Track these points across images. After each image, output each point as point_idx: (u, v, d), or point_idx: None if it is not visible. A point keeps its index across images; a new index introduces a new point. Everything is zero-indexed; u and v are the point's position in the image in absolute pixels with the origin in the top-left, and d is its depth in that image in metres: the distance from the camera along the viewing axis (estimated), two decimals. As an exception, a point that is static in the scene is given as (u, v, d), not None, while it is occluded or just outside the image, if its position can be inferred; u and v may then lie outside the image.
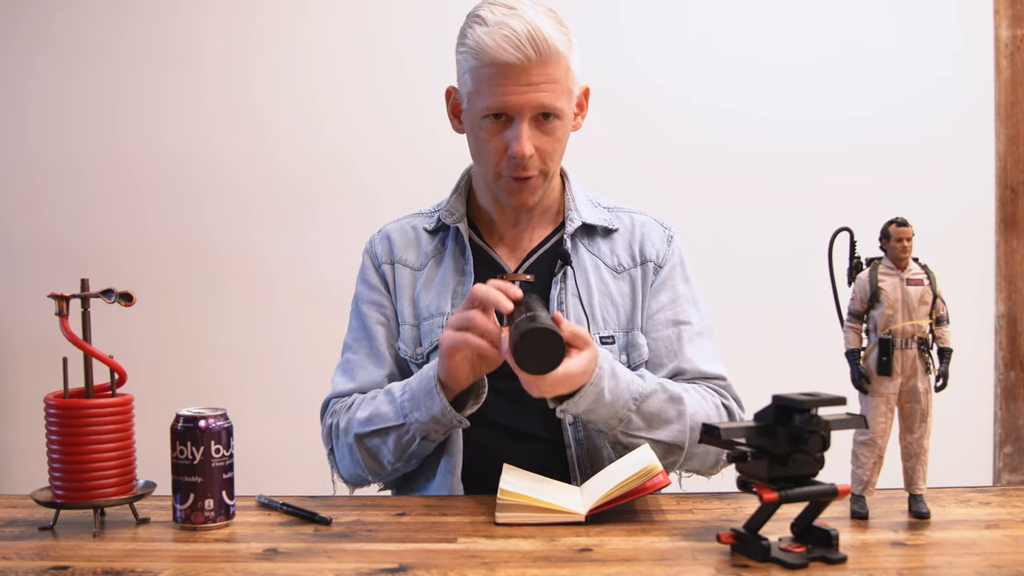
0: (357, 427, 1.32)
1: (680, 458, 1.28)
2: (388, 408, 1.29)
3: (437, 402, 1.23)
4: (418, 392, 1.26)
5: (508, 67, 1.23)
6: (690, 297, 1.41)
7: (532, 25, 1.22)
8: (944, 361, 1.05)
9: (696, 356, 1.36)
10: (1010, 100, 2.52)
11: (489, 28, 1.24)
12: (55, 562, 0.95)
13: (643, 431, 1.24)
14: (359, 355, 1.43)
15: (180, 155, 2.60)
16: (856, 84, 2.53)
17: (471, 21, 1.28)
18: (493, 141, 1.30)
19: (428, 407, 1.24)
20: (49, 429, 1.06)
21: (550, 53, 1.24)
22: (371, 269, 1.46)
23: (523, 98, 1.25)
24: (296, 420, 2.51)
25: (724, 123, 2.54)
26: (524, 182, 1.31)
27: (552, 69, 1.25)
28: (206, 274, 2.60)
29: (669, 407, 1.26)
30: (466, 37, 1.28)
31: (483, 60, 1.24)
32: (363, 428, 1.31)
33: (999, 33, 2.52)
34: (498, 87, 1.25)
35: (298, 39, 2.59)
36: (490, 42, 1.23)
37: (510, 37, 1.22)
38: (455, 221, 1.41)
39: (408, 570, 0.90)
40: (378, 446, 1.30)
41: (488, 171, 1.34)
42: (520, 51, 1.22)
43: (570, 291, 1.36)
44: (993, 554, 0.93)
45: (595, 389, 1.19)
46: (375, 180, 2.56)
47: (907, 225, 1.04)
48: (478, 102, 1.28)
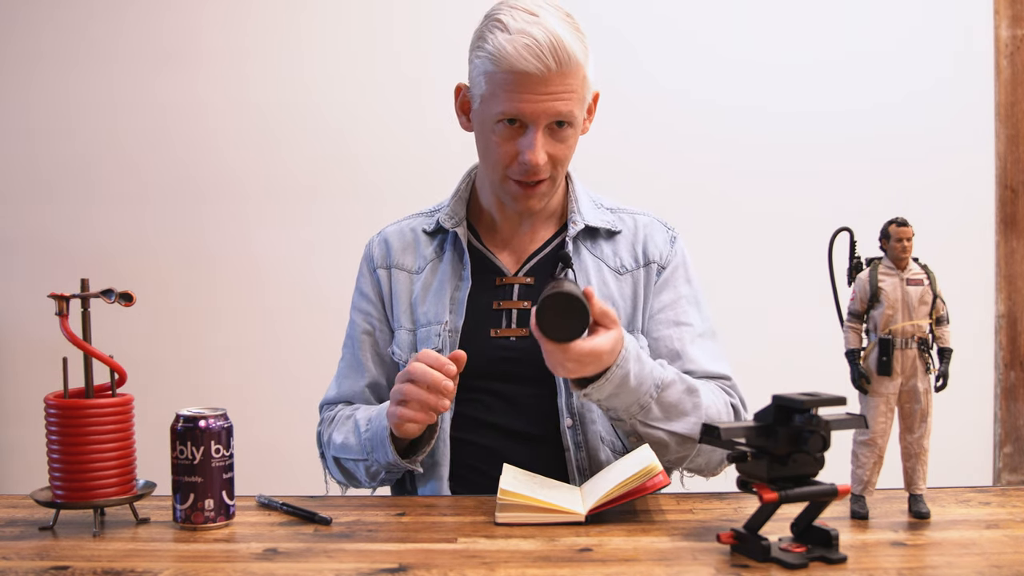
0: (333, 450, 1.38)
1: (692, 452, 1.27)
2: (354, 441, 1.34)
3: (388, 453, 1.27)
4: (374, 437, 1.30)
5: (527, 76, 1.22)
6: (692, 298, 1.41)
7: (554, 35, 1.21)
8: (944, 361, 1.05)
9: (700, 357, 1.36)
10: (1010, 100, 2.52)
11: (511, 36, 1.22)
12: (55, 562, 0.95)
13: (661, 421, 1.24)
14: (344, 363, 1.48)
15: (180, 155, 2.60)
16: (856, 84, 2.53)
17: (491, 25, 1.26)
18: (505, 146, 1.29)
19: (383, 453, 1.28)
20: (49, 429, 1.06)
21: (570, 64, 1.23)
22: (366, 275, 1.47)
23: (540, 107, 1.24)
24: (296, 420, 2.51)
25: (723, 124, 2.54)
26: (532, 188, 1.31)
27: (570, 79, 1.24)
28: (206, 274, 2.60)
29: (686, 399, 1.25)
30: (485, 41, 1.25)
31: (502, 67, 1.23)
32: (337, 453, 1.38)
33: (999, 33, 2.52)
34: (515, 94, 1.24)
35: (296, 38, 2.59)
36: (511, 50, 1.21)
37: (531, 47, 1.21)
38: (454, 226, 1.40)
39: (408, 570, 0.90)
40: (353, 469, 1.37)
41: (496, 174, 1.33)
42: (541, 61, 1.21)
43: None
44: (993, 554, 0.93)
45: (621, 371, 1.18)
46: (375, 180, 2.56)
47: (907, 225, 1.04)
48: (493, 106, 1.27)
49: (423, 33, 2.55)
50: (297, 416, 2.51)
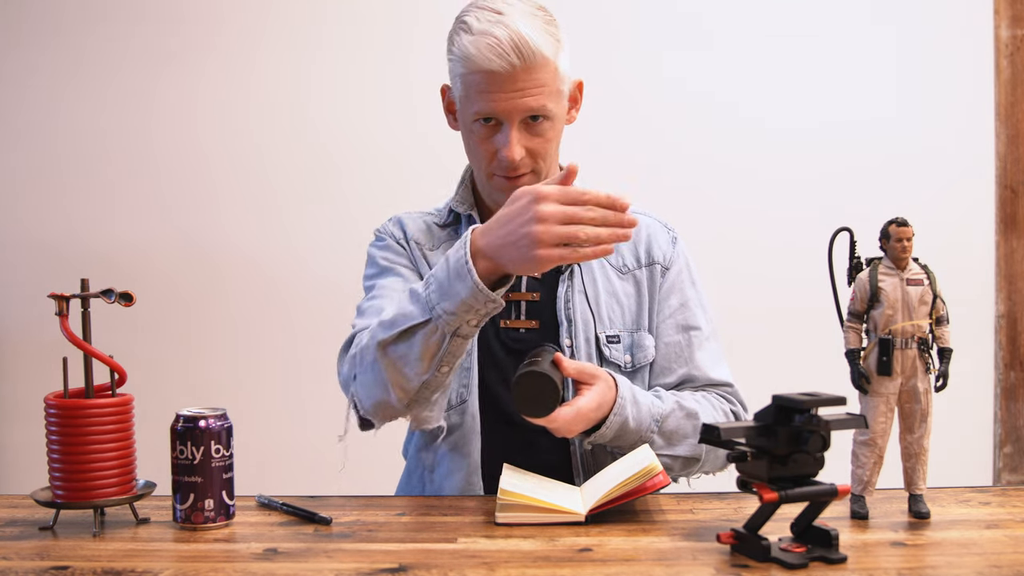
0: (380, 333, 1.18)
1: (696, 468, 1.32)
2: (413, 307, 1.16)
3: (468, 282, 1.10)
4: (445, 279, 1.13)
5: (493, 75, 1.23)
6: (697, 301, 1.42)
7: (516, 33, 1.22)
8: (944, 361, 1.05)
9: (705, 363, 1.38)
10: (1010, 100, 2.52)
11: (474, 37, 1.23)
12: (55, 562, 0.95)
13: (664, 448, 1.28)
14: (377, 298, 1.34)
15: (180, 155, 2.60)
16: (856, 84, 2.53)
17: (458, 27, 1.28)
18: (484, 144, 1.31)
19: (458, 291, 1.11)
20: (49, 429, 1.06)
21: (535, 59, 1.23)
22: (391, 245, 1.42)
23: (510, 103, 1.25)
24: (296, 420, 2.52)
25: (723, 123, 2.54)
26: (515, 181, 1.32)
27: (539, 74, 1.25)
28: (206, 274, 2.60)
29: (686, 423, 1.29)
30: (453, 44, 1.28)
31: (470, 68, 1.25)
32: (386, 333, 1.17)
33: (999, 33, 2.52)
34: (485, 93, 1.25)
35: (292, 38, 2.59)
36: (474, 51, 1.23)
37: (494, 46, 1.22)
38: (466, 210, 1.42)
39: (408, 570, 0.90)
40: (404, 354, 1.17)
41: (481, 171, 1.35)
42: (504, 59, 1.22)
43: (576, 289, 1.37)
44: (993, 554, 0.93)
45: (619, 419, 1.22)
46: (374, 179, 2.56)
47: (907, 225, 1.04)
48: (468, 107, 1.29)
49: (422, 33, 2.53)
50: (297, 416, 2.52)
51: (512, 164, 1.29)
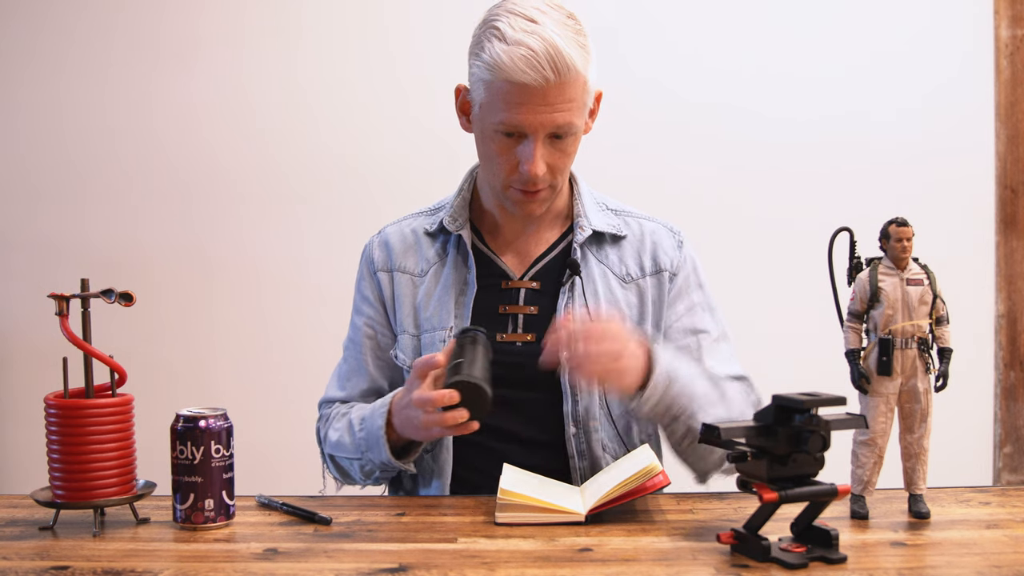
0: (329, 447, 1.39)
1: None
2: (349, 440, 1.34)
3: (383, 452, 1.27)
4: (369, 437, 1.30)
5: (525, 88, 1.18)
6: (705, 304, 1.41)
7: (552, 45, 1.17)
8: (944, 361, 1.05)
9: (718, 364, 1.36)
10: (1010, 100, 2.52)
11: (508, 46, 1.18)
12: (55, 562, 0.95)
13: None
14: (346, 364, 1.47)
15: (180, 155, 2.60)
16: (857, 84, 2.52)
17: (488, 31, 1.22)
18: (504, 155, 1.27)
19: (378, 452, 1.28)
20: (49, 429, 1.06)
21: (569, 74, 1.19)
22: (366, 278, 1.45)
23: (538, 119, 1.21)
24: (296, 420, 2.50)
25: (722, 123, 2.54)
26: (533, 195, 1.30)
27: (570, 89, 1.20)
28: (206, 274, 2.60)
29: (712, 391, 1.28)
30: (482, 49, 1.22)
31: (499, 77, 1.19)
32: (333, 450, 1.38)
33: (999, 33, 2.52)
34: (513, 106, 1.20)
35: (293, 38, 2.58)
36: (507, 60, 1.17)
37: (528, 58, 1.17)
38: (457, 229, 1.38)
39: (408, 570, 0.90)
40: (348, 467, 1.37)
41: (497, 181, 1.31)
42: (539, 73, 1.17)
43: (578, 301, 1.34)
44: (993, 554, 0.93)
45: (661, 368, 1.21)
46: (374, 179, 2.55)
47: (907, 225, 1.04)
48: (491, 115, 1.24)
49: (422, 33, 2.54)
50: (297, 416, 2.51)
51: (534, 180, 1.26)
